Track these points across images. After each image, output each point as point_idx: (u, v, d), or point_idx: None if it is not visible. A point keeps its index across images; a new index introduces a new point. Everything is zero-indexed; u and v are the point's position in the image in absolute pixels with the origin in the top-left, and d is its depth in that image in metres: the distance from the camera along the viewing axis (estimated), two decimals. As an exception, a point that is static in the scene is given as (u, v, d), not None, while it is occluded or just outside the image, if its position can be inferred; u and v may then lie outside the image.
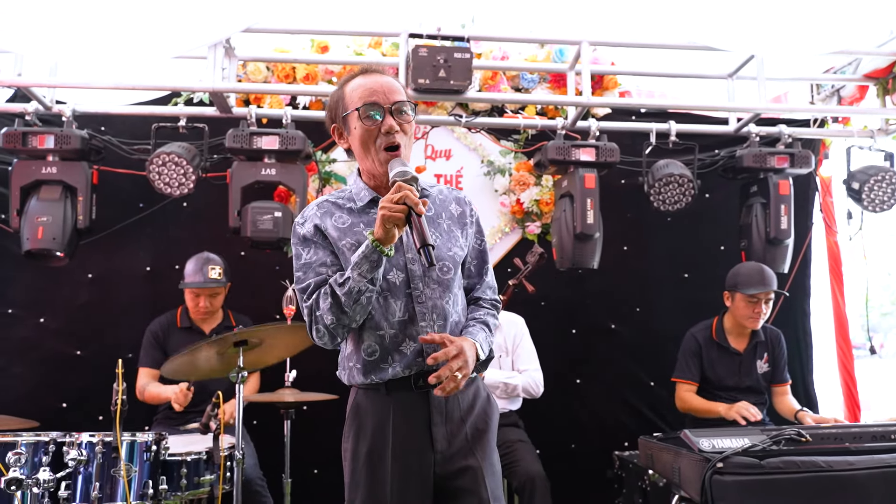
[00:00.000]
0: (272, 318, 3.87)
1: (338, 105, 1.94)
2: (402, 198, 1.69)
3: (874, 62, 4.01)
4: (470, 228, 2.05)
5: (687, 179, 3.90)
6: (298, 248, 1.93)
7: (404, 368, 1.86)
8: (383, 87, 1.87)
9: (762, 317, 3.74)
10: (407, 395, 1.88)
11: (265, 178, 3.70)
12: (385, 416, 1.88)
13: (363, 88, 1.88)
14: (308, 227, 1.92)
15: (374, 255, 1.74)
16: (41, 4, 3.00)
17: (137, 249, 4.18)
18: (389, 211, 1.69)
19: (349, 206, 1.95)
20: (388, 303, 1.87)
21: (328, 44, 4.15)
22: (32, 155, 3.64)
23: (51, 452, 2.53)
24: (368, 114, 1.85)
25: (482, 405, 1.98)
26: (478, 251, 2.08)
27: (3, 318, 4.07)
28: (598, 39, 3.84)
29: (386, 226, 1.71)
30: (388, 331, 1.86)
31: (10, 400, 3.30)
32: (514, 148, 4.42)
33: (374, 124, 1.85)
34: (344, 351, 1.98)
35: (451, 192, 2.09)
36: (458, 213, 2.04)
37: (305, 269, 1.89)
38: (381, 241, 1.73)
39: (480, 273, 2.09)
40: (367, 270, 1.75)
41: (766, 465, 2.69)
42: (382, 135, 1.84)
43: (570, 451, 4.33)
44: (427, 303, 1.88)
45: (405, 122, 1.87)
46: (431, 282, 1.89)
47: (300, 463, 3.59)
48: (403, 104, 1.87)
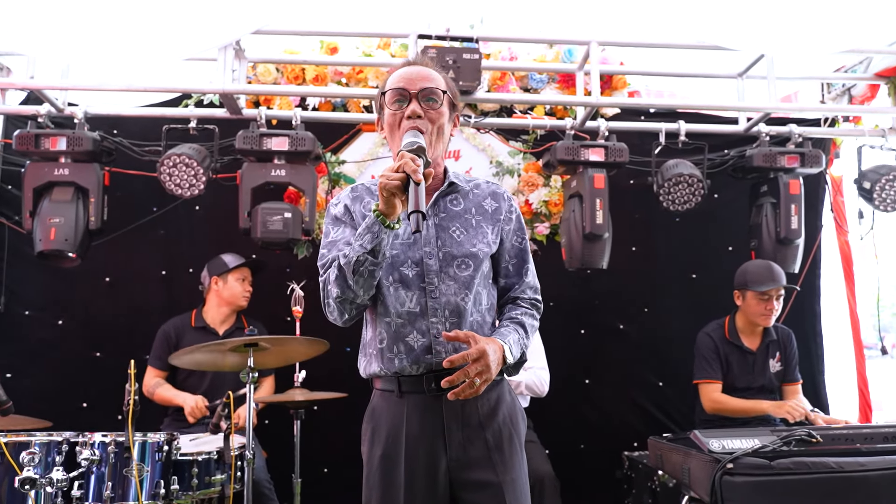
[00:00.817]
0: (282, 319, 3.88)
1: (380, 97, 1.93)
2: (402, 166, 1.64)
3: (885, 61, 4.00)
4: (507, 225, 1.98)
5: (696, 179, 3.89)
6: (328, 227, 1.95)
7: (412, 363, 1.82)
8: (413, 75, 1.86)
9: (774, 313, 3.72)
10: (420, 399, 1.84)
11: (275, 179, 3.72)
12: (399, 419, 1.85)
13: (396, 76, 1.88)
14: (339, 207, 1.94)
15: (376, 227, 1.70)
16: (53, 8, 3.02)
17: (152, 251, 4.22)
18: (387, 179, 1.64)
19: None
20: (398, 293, 1.84)
21: (337, 45, 4.17)
22: (45, 157, 3.66)
23: (64, 452, 2.55)
24: (394, 99, 1.84)
25: (507, 411, 1.89)
26: (518, 249, 2.01)
27: (20, 320, 4.12)
28: (606, 39, 3.85)
29: (384, 194, 1.66)
30: (395, 319, 1.84)
31: (27, 401, 3.33)
32: (523, 148, 4.42)
33: (399, 108, 1.84)
34: (364, 337, 1.97)
35: (489, 187, 2.02)
36: (493, 209, 1.98)
37: (329, 247, 1.90)
38: (384, 213, 1.68)
39: (520, 272, 2.01)
40: (368, 241, 1.71)
41: (776, 465, 2.68)
42: (405, 119, 1.82)
43: (580, 451, 4.33)
44: (440, 298, 1.83)
45: (432, 110, 1.84)
46: (447, 277, 1.85)
47: (310, 462, 3.60)
48: (432, 91, 1.84)
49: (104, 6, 3.02)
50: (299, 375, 3.40)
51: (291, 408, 3.40)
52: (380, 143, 4.35)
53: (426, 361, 1.82)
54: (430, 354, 1.82)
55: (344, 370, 3.89)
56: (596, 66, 3.75)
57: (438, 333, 1.82)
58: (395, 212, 1.69)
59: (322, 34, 4.05)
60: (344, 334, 4.04)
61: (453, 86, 1.95)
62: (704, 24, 3.44)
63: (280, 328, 3.83)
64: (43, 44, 3.24)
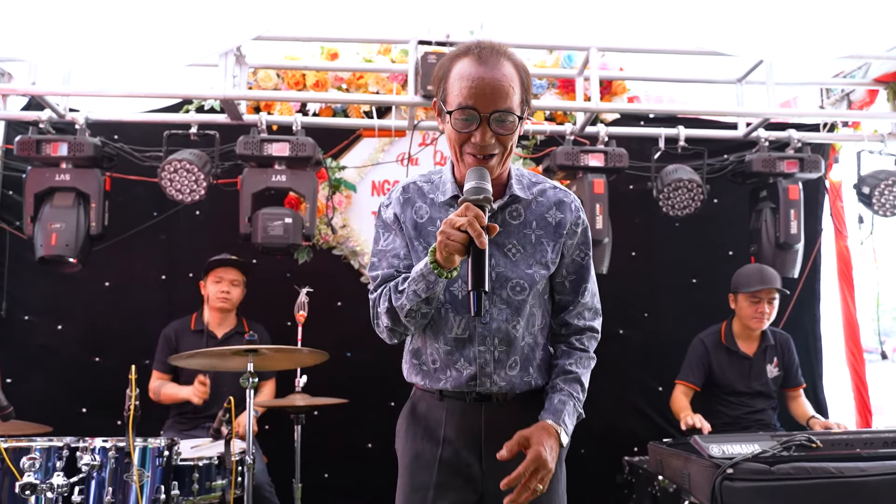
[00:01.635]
0: (283, 324, 3.89)
1: (441, 83, 1.69)
2: (465, 225, 1.48)
3: (884, 66, 4.01)
4: (569, 239, 1.79)
5: (696, 184, 3.90)
6: (379, 231, 1.82)
7: (455, 387, 1.75)
8: (486, 89, 1.59)
9: (766, 317, 3.74)
10: (461, 405, 1.77)
11: (275, 184, 3.73)
12: (437, 421, 1.78)
13: (466, 84, 1.60)
14: (389, 213, 1.80)
15: (431, 277, 1.58)
16: (55, 13, 3.03)
17: (152, 256, 4.23)
18: (448, 237, 1.50)
19: (432, 197, 1.78)
20: (447, 316, 1.73)
21: (338, 51, 4.18)
22: (46, 162, 3.67)
23: (65, 457, 2.55)
24: (461, 117, 1.61)
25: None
26: (577, 265, 1.82)
27: (20, 325, 4.12)
28: (606, 45, 3.87)
29: (444, 253, 1.53)
30: (443, 346, 1.74)
31: (28, 406, 3.34)
32: (523, 154, 4.43)
33: (465, 129, 1.61)
34: (409, 344, 1.87)
35: (555, 194, 1.80)
36: (557, 221, 1.78)
37: (380, 257, 1.79)
38: (440, 265, 1.56)
39: (577, 291, 1.84)
40: (423, 289, 1.61)
41: (776, 471, 2.68)
42: (472, 144, 1.62)
43: (580, 456, 4.30)
44: (491, 324, 1.71)
45: (504, 133, 1.62)
46: (500, 301, 1.71)
47: (311, 467, 3.60)
48: (506, 114, 1.60)
49: (105, 12, 3.03)
50: (300, 380, 3.41)
51: (292, 413, 3.39)
52: (380, 149, 4.37)
53: (470, 388, 1.74)
54: (475, 381, 1.73)
55: (345, 376, 3.94)
56: (595, 71, 3.76)
57: (486, 363, 1.72)
58: (453, 265, 1.56)
59: (322, 40, 4.07)
60: (344, 341, 4.10)
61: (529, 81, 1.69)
62: (703, 30, 3.45)
63: (282, 332, 3.84)
64: (44, 50, 3.25)
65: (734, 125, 4.25)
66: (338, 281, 4.27)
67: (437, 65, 1.73)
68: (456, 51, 1.70)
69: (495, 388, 1.74)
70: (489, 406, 1.76)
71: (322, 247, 4.31)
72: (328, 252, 4.34)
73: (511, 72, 1.63)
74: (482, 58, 1.62)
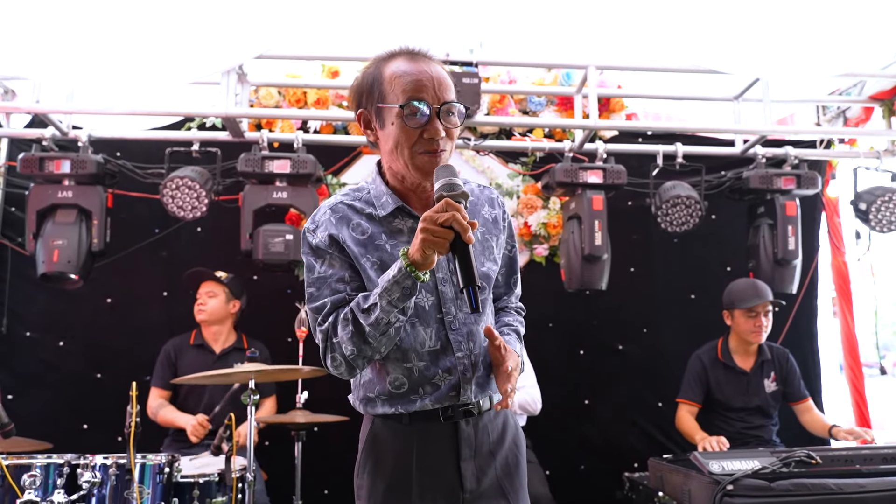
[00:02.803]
0: (284, 340, 3.90)
1: (372, 88, 1.61)
2: (449, 220, 1.41)
3: (879, 84, 4.05)
4: (502, 234, 1.78)
5: (694, 201, 3.93)
6: (310, 259, 1.64)
7: (435, 402, 1.62)
8: (433, 81, 1.56)
9: (764, 330, 3.75)
10: (433, 426, 1.64)
11: (276, 201, 3.75)
12: (408, 449, 1.64)
13: (409, 79, 1.55)
14: (321, 235, 1.63)
15: (408, 282, 1.46)
16: (58, 32, 3.07)
17: (153, 273, 4.24)
18: (433, 235, 1.41)
19: (368, 212, 1.65)
20: (416, 330, 1.61)
21: (339, 69, 4.22)
22: (49, 179, 3.70)
23: (65, 474, 2.56)
24: (412, 112, 1.53)
25: (512, 436, 1.74)
26: (508, 258, 1.81)
27: (22, 341, 4.13)
28: (604, 63, 3.90)
29: (426, 251, 1.43)
30: (416, 363, 1.61)
31: (29, 422, 3.34)
32: (522, 170, 4.46)
33: (416, 125, 1.54)
34: (361, 377, 1.71)
35: (483, 192, 1.78)
36: (493, 218, 1.76)
37: (319, 285, 1.61)
38: (417, 266, 1.45)
39: (509, 283, 1.84)
40: (398, 299, 1.48)
41: (776, 487, 2.69)
42: (425, 140, 1.55)
43: (580, 472, 4.32)
44: (461, 329, 1.64)
45: (452, 127, 1.58)
46: (465, 305, 1.63)
47: (311, 484, 3.59)
48: (453, 105, 1.57)
49: (109, 31, 3.07)
50: (301, 396, 3.41)
51: (293, 429, 3.40)
52: (380, 166, 4.39)
53: (450, 400, 1.63)
54: (456, 392, 1.63)
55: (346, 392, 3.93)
56: (594, 89, 3.80)
57: (466, 369, 1.63)
58: (430, 265, 1.47)
59: (323, 58, 4.11)
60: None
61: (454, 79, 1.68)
62: (700, 49, 3.49)
63: (282, 349, 3.84)
64: (48, 68, 3.28)
65: (731, 142, 4.29)
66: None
67: (360, 74, 1.66)
68: (379, 57, 1.64)
69: (473, 394, 1.64)
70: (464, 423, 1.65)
71: (322, 263, 4.32)
72: (329, 268, 4.35)
73: (444, 70, 1.63)
74: (414, 56, 1.61)
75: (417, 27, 3.79)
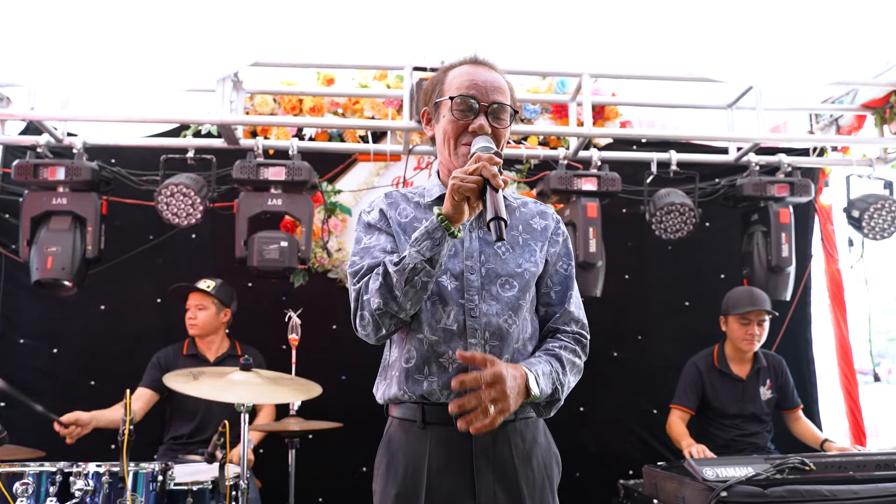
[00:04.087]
0: (279, 348, 3.88)
1: (434, 88, 1.78)
2: (479, 169, 1.48)
3: (871, 92, 4.07)
4: (553, 247, 1.81)
5: (688, 208, 3.94)
6: (360, 234, 1.76)
7: (442, 388, 1.62)
8: (487, 83, 1.70)
9: (757, 338, 3.76)
10: (446, 432, 1.62)
11: (271, 208, 3.75)
12: (420, 455, 1.64)
13: (465, 77, 1.71)
14: (374, 213, 1.77)
15: (438, 232, 1.52)
16: (54, 39, 3.07)
17: (148, 280, 4.23)
18: (461, 181, 1.49)
19: (416, 201, 1.79)
20: (435, 308, 1.66)
21: (334, 76, 4.24)
22: (43, 186, 3.69)
23: (58, 482, 2.54)
24: (461, 107, 1.67)
25: (542, 455, 1.70)
26: (562, 276, 1.82)
27: (15, 348, 4.11)
28: (599, 71, 3.92)
29: (455, 197, 1.50)
30: (429, 336, 1.65)
31: (21, 430, 3.32)
32: (517, 178, 4.47)
33: (464, 119, 1.67)
34: (387, 358, 1.78)
35: (536, 206, 1.86)
36: (542, 227, 1.81)
37: (363, 254, 1.70)
38: (449, 218, 1.51)
39: (563, 301, 1.81)
40: (427, 248, 1.52)
41: (770, 493, 2.69)
42: (469, 133, 1.67)
43: (575, 479, 4.31)
44: (481, 318, 1.65)
45: (500, 128, 1.69)
46: (489, 297, 1.67)
47: (305, 492, 3.59)
48: (503, 108, 1.69)
49: (104, 38, 3.08)
50: (295, 404, 3.40)
51: (286, 437, 3.39)
52: (375, 173, 4.40)
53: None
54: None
55: (340, 400, 3.92)
56: (588, 96, 3.81)
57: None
58: (462, 218, 1.53)
59: (319, 66, 4.12)
60: (339, 365, 4.09)
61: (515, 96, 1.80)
62: (694, 57, 3.51)
63: (277, 356, 3.83)
64: (43, 75, 3.28)
65: (725, 150, 4.30)
66: (333, 304, 4.28)
67: (429, 79, 1.84)
68: (448, 64, 1.82)
69: None
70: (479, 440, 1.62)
71: (317, 270, 4.33)
72: (323, 275, 4.35)
73: (503, 79, 1.77)
74: (477, 63, 1.78)
75: (412, 35, 3.81)
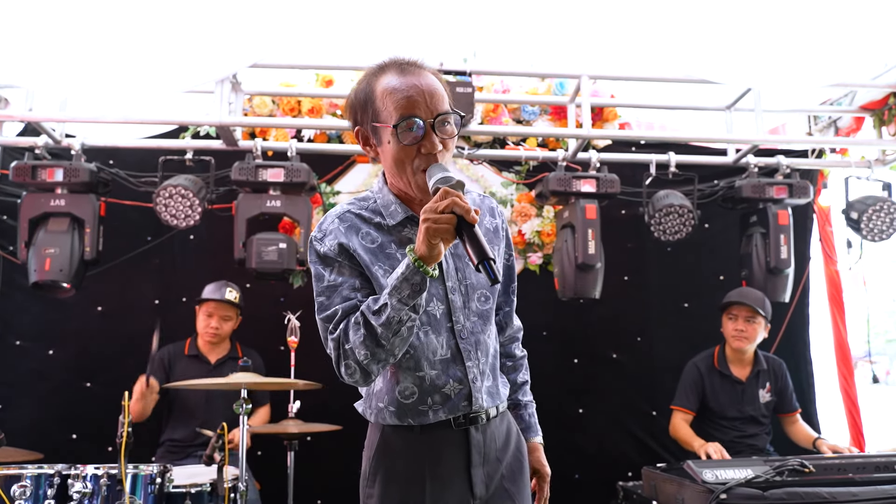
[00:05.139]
0: (277, 349, 3.88)
1: (365, 105, 1.59)
2: (450, 205, 1.39)
3: (869, 94, 4.08)
4: (501, 243, 1.78)
5: (687, 210, 3.94)
6: (319, 268, 1.61)
7: (448, 413, 1.63)
8: (424, 94, 1.52)
9: (744, 335, 3.76)
10: (444, 434, 1.64)
11: (270, 209, 3.74)
12: (419, 457, 1.63)
13: (400, 95, 1.52)
14: (330, 244, 1.60)
15: (417, 277, 1.44)
16: (52, 41, 3.07)
17: (145, 281, 4.22)
18: (435, 223, 1.39)
19: (377, 222, 1.64)
20: (429, 339, 1.61)
21: (333, 78, 4.23)
22: (41, 188, 3.69)
23: (56, 485, 2.54)
24: (406, 129, 1.51)
25: (515, 443, 1.77)
26: (506, 267, 1.81)
27: (11, 350, 4.10)
28: (597, 73, 3.92)
29: (432, 241, 1.41)
30: (428, 371, 1.61)
31: (18, 431, 3.32)
32: (516, 179, 4.47)
33: (412, 141, 1.51)
34: (372, 386, 1.70)
35: (483, 201, 1.78)
36: (494, 228, 1.76)
37: (329, 294, 1.59)
38: (424, 259, 1.43)
39: (507, 292, 1.85)
40: (408, 296, 1.45)
41: (769, 496, 2.69)
42: (422, 155, 1.53)
43: (574, 481, 4.31)
44: (470, 338, 1.64)
45: (448, 137, 1.55)
46: (472, 314, 1.65)
47: (304, 494, 3.58)
48: (448, 116, 1.54)
49: (102, 39, 3.07)
50: (294, 406, 3.40)
51: (286, 439, 3.38)
52: (374, 174, 4.40)
53: (463, 410, 1.63)
54: (468, 402, 1.63)
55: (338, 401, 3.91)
56: (587, 98, 3.81)
57: (475, 378, 1.64)
58: (438, 258, 1.45)
59: (317, 68, 4.12)
60: (338, 365, 4.08)
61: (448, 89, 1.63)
62: (693, 59, 3.52)
63: (275, 358, 3.83)
64: (42, 76, 3.28)
65: (724, 151, 4.31)
66: (332, 305, 4.26)
67: (353, 91, 1.63)
68: (370, 72, 1.62)
69: (484, 402, 1.66)
70: (474, 429, 1.66)
71: (316, 271, 4.31)
72: (322, 277, 4.33)
73: (435, 79, 1.59)
74: (404, 69, 1.57)
75: (411, 36, 3.81)
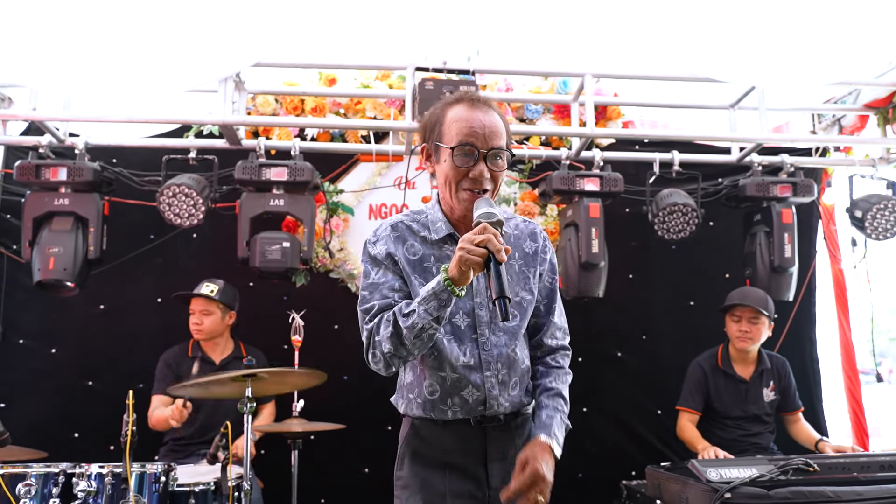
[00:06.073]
0: (280, 348, 3.88)
1: (434, 128, 1.85)
2: (485, 241, 1.60)
3: (874, 92, 4.07)
4: (542, 266, 1.97)
5: (691, 208, 3.93)
6: (367, 267, 1.89)
7: (465, 415, 1.85)
8: (485, 129, 1.78)
9: (747, 336, 3.74)
10: (465, 429, 1.87)
11: (273, 208, 3.74)
12: (442, 448, 1.87)
13: (464, 124, 1.79)
14: (380, 248, 1.87)
15: (445, 294, 1.66)
16: (56, 40, 3.07)
17: (148, 280, 4.22)
18: (468, 253, 1.60)
19: (423, 235, 1.89)
20: (452, 346, 1.83)
21: (336, 77, 4.23)
22: (45, 187, 3.69)
23: (60, 483, 2.54)
24: (461, 154, 1.77)
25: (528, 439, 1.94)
26: (548, 290, 2.00)
27: (14, 349, 4.10)
28: (601, 71, 3.91)
29: (462, 268, 1.62)
30: (450, 374, 1.84)
31: (21, 430, 3.32)
32: (519, 178, 4.47)
33: (465, 165, 1.77)
34: (403, 378, 1.96)
35: (527, 226, 2.00)
36: (533, 251, 1.96)
37: (372, 290, 1.84)
38: (454, 281, 1.65)
39: (549, 312, 2.01)
40: (434, 308, 1.67)
41: (773, 495, 2.68)
42: (469, 178, 1.78)
43: (578, 480, 4.31)
44: (493, 350, 1.85)
45: (497, 170, 1.80)
46: (498, 329, 1.86)
47: (307, 493, 3.58)
48: (500, 151, 1.80)
49: (106, 39, 3.07)
50: (297, 405, 3.40)
51: (289, 438, 3.38)
52: (377, 173, 4.40)
53: (478, 413, 1.86)
54: (483, 407, 1.85)
55: (342, 400, 3.93)
56: (590, 97, 3.81)
57: (492, 387, 1.85)
58: (466, 282, 1.66)
59: (321, 66, 4.12)
60: (341, 365, 4.09)
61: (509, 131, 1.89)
62: (696, 57, 3.50)
63: (278, 356, 3.83)
64: (45, 75, 3.28)
65: (728, 150, 4.30)
66: (335, 304, 4.27)
67: (428, 113, 1.90)
68: (446, 101, 1.88)
69: (501, 409, 1.86)
70: (492, 427, 1.88)
71: (319, 270, 4.32)
72: (325, 276, 4.35)
73: (499, 119, 1.83)
74: (474, 104, 1.83)
75: (415, 36, 3.81)
